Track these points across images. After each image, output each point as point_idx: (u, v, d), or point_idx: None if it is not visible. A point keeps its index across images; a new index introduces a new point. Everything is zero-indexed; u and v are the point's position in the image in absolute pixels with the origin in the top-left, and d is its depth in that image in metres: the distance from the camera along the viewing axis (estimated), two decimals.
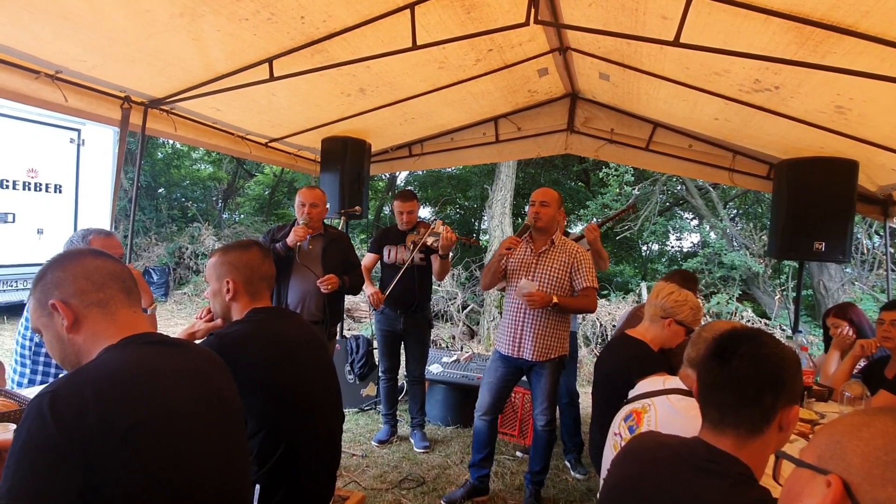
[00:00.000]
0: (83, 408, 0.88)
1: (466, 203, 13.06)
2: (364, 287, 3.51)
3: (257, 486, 1.40)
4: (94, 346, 1.03)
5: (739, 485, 0.94)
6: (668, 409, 1.48)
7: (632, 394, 1.69)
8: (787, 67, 2.28)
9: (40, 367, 2.18)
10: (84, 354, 1.04)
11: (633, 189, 9.23)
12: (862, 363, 2.80)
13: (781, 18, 1.94)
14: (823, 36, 1.96)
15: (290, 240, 2.96)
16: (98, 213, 6.87)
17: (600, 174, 9.61)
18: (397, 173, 12.29)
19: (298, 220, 3.10)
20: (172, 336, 1.24)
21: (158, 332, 1.20)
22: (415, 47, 2.48)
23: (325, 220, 3.26)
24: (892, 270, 4.36)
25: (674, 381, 1.61)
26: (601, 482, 1.42)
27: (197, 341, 1.64)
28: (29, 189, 6.44)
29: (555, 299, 2.70)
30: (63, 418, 0.86)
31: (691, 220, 11.59)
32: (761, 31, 2.08)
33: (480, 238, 11.40)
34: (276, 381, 1.49)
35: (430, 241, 3.39)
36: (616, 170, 8.99)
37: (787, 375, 1.02)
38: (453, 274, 8.16)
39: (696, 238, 11.48)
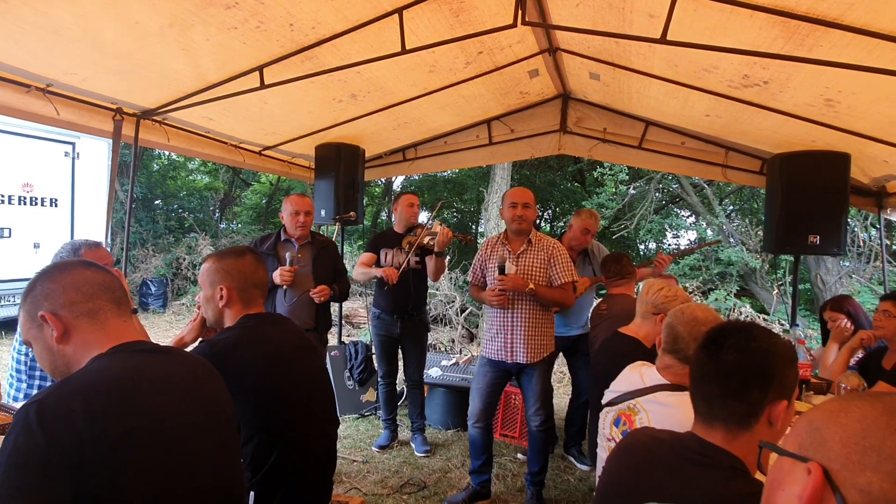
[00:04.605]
0: (72, 416, 0.87)
1: (463, 206, 13.07)
2: (373, 272, 3.49)
3: (251, 494, 1.39)
4: (84, 356, 1.03)
5: (733, 478, 0.94)
6: (657, 406, 1.47)
7: (609, 393, 1.67)
8: (775, 62, 2.29)
9: (36, 382, 2.17)
10: (74, 365, 1.03)
11: (629, 188, 9.24)
12: (859, 355, 2.80)
13: (767, 13, 1.95)
14: (809, 29, 1.97)
15: (276, 280, 2.94)
16: (94, 226, 6.86)
17: (595, 174, 9.63)
18: (393, 179, 12.30)
19: (288, 228, 3.13)
20: (164, 345, 1.23)
21: (150, 340, 1.19)
22: (404, 52, 2.49)
23: (324, 226, 3.27)
24: (889, 262, 4.37)
25: (651, 373, 1.59)
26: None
27: (189, 348, 1.64)
28: (25, 203, 6.43)
29: (531, 285, 2.68)
30: (51, 427, 0.85)
31: (687, 217, 11.60)
32: (747, 27, 2.08)
33: (478, 241, 11.38)
34: (268, 387, 1.49)
35: (426, 240, 3.40)
36: (611, 169, 9.01)
37: (775, 369, 0.99)
38: (451, 277, 8.16)
39: (692, 235, 11.50)
